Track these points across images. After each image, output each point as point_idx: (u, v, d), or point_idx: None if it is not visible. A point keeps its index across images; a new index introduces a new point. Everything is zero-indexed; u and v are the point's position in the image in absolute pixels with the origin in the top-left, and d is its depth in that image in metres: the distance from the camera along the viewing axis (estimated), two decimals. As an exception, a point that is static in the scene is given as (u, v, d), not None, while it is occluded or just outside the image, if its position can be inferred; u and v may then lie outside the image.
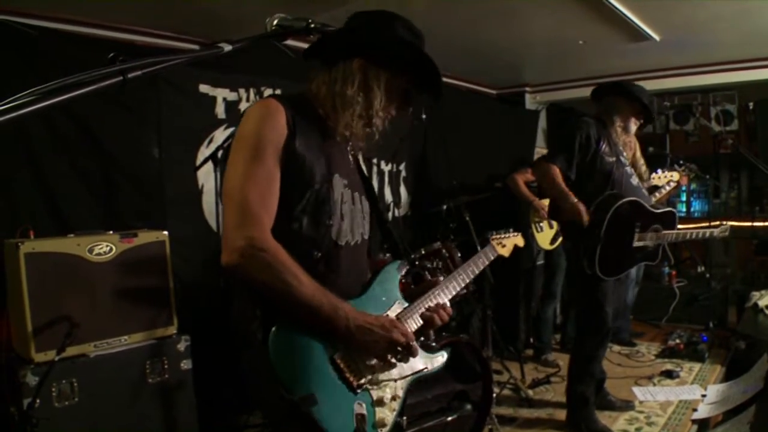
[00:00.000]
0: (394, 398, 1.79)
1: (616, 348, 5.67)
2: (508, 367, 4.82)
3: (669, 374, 4.93)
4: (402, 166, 5.70)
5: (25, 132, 3.31)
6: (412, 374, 1.86)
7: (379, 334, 1.66)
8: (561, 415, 4.08)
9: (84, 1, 3.56)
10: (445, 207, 4.84)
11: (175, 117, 3.89)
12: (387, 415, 1.75)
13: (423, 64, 1.83)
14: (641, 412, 4.24)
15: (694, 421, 3.97)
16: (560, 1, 4.15)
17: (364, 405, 1.68)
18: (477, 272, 2.34)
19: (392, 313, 1.86)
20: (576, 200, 3.62)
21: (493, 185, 5.79)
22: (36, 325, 2.78)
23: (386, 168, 5.51)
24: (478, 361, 3.77)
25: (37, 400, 2.67)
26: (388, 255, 3.62)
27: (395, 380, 1.79)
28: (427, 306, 1.95)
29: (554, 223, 5.40)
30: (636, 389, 4.65)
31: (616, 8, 4.25)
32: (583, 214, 3.58)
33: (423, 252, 3.98)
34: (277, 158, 1.64)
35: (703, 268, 6.74)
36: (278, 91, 4.34)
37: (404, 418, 1.83)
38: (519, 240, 2.59)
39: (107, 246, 3.07)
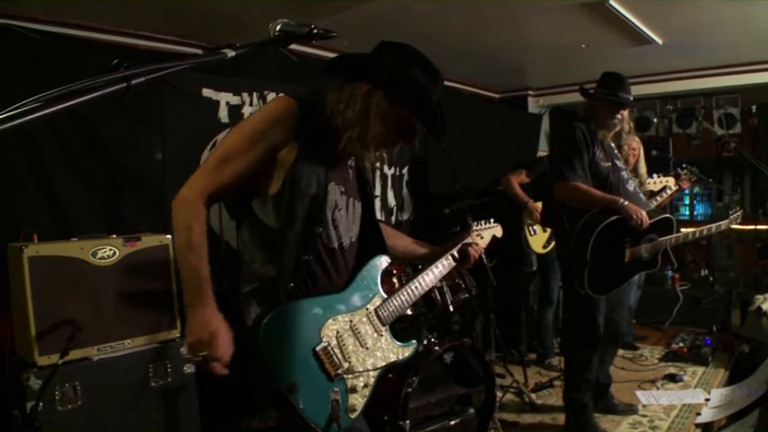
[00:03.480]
0: (365, 386, 1.95)
1: (620, 352, 5.61)
2: (511, 371, 4.81)
3: (672, 378, 4.92)
4: (405, 170, 5.71)
5: (28, 136, 3.32)
6: (384, 365, 2.02)
7: (197, 329, 1.70)
8: (564, 419, 4.07)
9: (88, 6, 3.58)
10: (447, 210, 4.84)
11: (178, 121, 3.90)
12: (358, 401, 1.91)
13: (426, 106, 1.88)
14: (644, 416, 4.23)
15: (697, 425, 3.96)
16: (563, 5, 4.15)
17: (339, 392, 1.83)
18: (451, 263, 2.39)
19: (372, 307, 2.01)
20: (618, 198, 3.54)
21: (495, 189, 5.78)
22: (39, 328, 2.79)
23: (389, 172, 5.52)
24: (481, 364, 3.76)
25: (41, 404, 2.68)
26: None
27: (368, 370, 1.94)
28: (402, 299, 2.11)
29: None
30: (639, 393, 4.64)
31: (619, 12, 4.26)
32: (632, 209, 3.50)
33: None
34: (264, 151, 1.78)
35: (706, 272, 6.72)
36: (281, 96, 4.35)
37: (407, 422, 1.92)
38: (497, 230, 2.60)
39: (111, 250, 3.07)
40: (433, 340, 3.64)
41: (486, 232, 2.56)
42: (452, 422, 3.60)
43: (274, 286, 1.80)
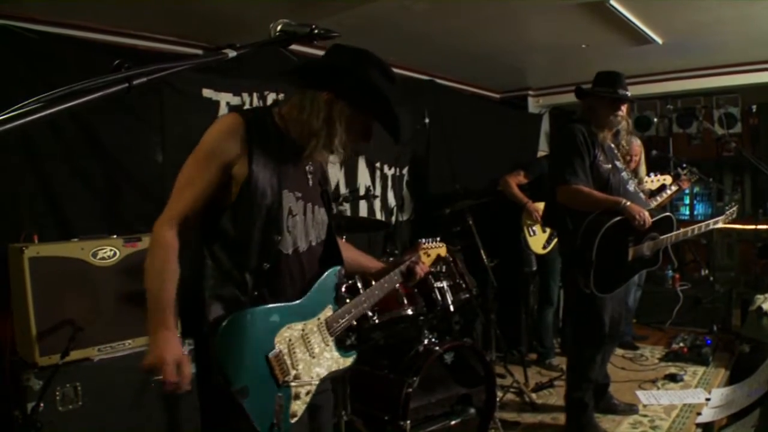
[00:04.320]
0: (308, 393, 1.99)
1: (620, 351, 5.64)
2: (512, 371, 4.80)
3: (673, 378, 4.92)
4: (405, 170, 5.70)
5: (29, 136, 3.32)
6: (327, 374, 2.07)
7: (153, 352, 1.76)
8: (564, 419, 4.07)
9: (87, 7, 3.58)
10: (448, 211, 4.83)
11: (178, 121, 3.89)
12: (300, 407, 1.96)
13: (389, 112, 1.97)
14: (645, 415, 4.23)
15: (698, 425, 3.96)
16: (563, 5, 4.15)
17: (283, 398, 1.89)
18: (398, 280, 2.42)
19: (323, 317, 2.07)
20: (620, 199, 3.56)
21: (495, 189, 5.78)
22: (40, 329, 2.79)
23: (389, 172, 5.51)
24: (481, 364, 3.76)
25: (41, 404, 2.68)
26: (390, 258, 3.63)
27: (312, 378, 1.99)
28: (351, 311, 2.17)
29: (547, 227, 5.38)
30: (640, 393, 4.64)
31: (619, 12, 4.25)
32: (635, 210, 3.52)
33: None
34: (220, 171, 1.85)
35: (706, 272, 6.73)
36: (282, 96, 4.35)
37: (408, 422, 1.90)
38: (442, 250, 2.64)
39: (111, 250, 3.07)
40: (433, 340, 3.65)
41: (432, 251, 2.60)
42: (453, 422, 3.60)
43: (236, 293, 1.87)
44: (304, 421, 2.01)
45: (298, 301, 1.98)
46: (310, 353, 2.00)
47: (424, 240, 2.59)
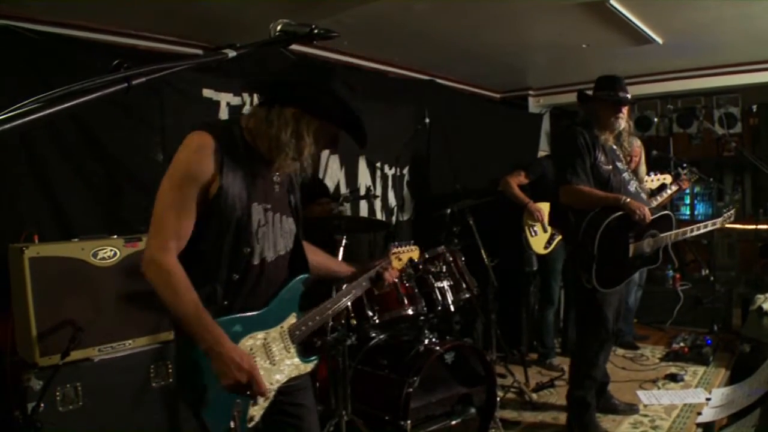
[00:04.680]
0: (266, 399, 2.03)
1: (620, 351, 5.66)
2: (512, 371, 4.81)
3: (673, 377, 4.92)
4: (405, 170, 5.70)
5: (29, 136, 3.32)
6: (286, 381, 2.11)
7: (230, 372, 1.84)
8: (565, 418, 4.07)
9: (87, 7, 3.58)
10: (448, 211, 4.83)
11: (178, 121, 3.89)
12: (258, 412, 2.01)
13: (354, 121, 2.03)
14: (645, 415, 4.23)
15: (698, 425, 3.94)
16: (564, 5, 4.15)
17: (242, 404, 1.94)
18: (367, 285, 2.46)
19: (286, 325, 2.11)
20: (620, 196, 3.63)
21: (496, 189, 5.78)
22: (40, 329, 2.80)
23: (390, 172, 5.52)
24: (482, 364, 3.77)
25: (42, 404, 2.68)
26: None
27: (272, 384, 2.03)
28: (316, 318, 2.20)
29: (548, 227, 5.38)
30: (640, 393, 4.64)
31: (620, 12, 4.25)
32: (634, 205, 3.58)
33: (427, 256, 3.98)
34: (198, 191, 1.88)
35: (707, 271, 6.71)
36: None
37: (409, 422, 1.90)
38: (414, 254, 2.64)
39: (111, 250, 3.08)
40: (434, 339, 3.65)
41: (404, 255, 2.62)
42: (453, 422, 3.60)
43: (208, 303, 1.89)
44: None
45: (261, 311, 2.03)
46: (270, 361, 2.05)
47: (396, 243, 2.63)
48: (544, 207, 5.34)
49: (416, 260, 2.75)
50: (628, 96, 3.77)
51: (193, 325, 1.82)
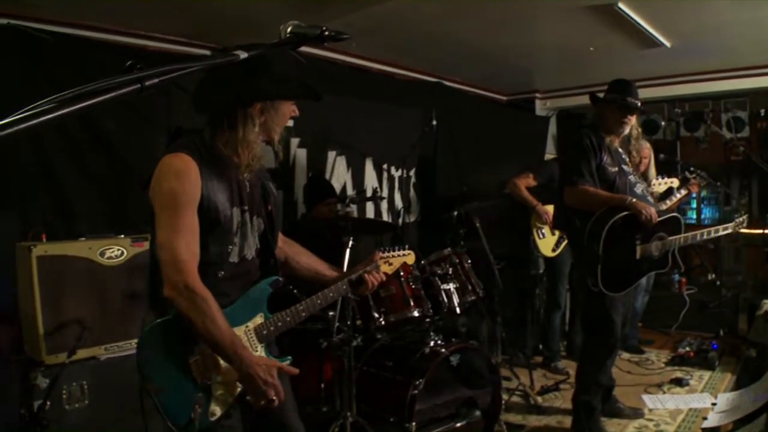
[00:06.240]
0: (230, 395, 2.07)
1: (626, 355, 5.64)
2: (517, 374, 4.80)
3: (679, 382, 4.91)
4: (412, 172, 5.71)
5: (37, 136, 3.33)
6: None
7: (258, 386, 1.96)
8: (570, 422, 4.06)
9: (96, 7, 3.59)
10: (455, 213, 4.83)
11: (186, 121, 3.89)
12: (219, 407, 2.04)
13: (309, 89, 2.13)
14: (651, 420, 4.22)
15: (704, 430, 3.94)
16: (572, 8, 4.14)
17: (203, 397, 1.99)
18: (347, 290, 2.44)
19: (252, 325, 2.14)
20: (626, 196, 3.61)
21: (502, 191, 5.77)
22: (47, 327, 2.81)
23: (396, 174, 5.52)
24: (487, 367, 3.76)
25: (48, 402, 2.69)
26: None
27: (235, 381, 2.05)
28: (287, 319, 2.21)
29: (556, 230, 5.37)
30: (645, 397, 4.62)
31: (628, 15, 4.24)
32: (640, 205, 3.56)
33: (433, 258, 3.98)
34: (195, 209, 1.96)
35: (713, 276, 6.69)
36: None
37: (413, 424, 1.89)
38: (408, 258, 2.62)
39: (118, 250, 3.09)
40: (439, 342, 3.65)
41: (395, 260, 2.60)
42: (458, 424, 3.60)
43: None
44: (236, 423, 2.12)
45: (227, 308, 2.04)
46: None
47: (383, 248, 2.61)
48: (552, 210, 5.33)
49: (411, 265, 2.72)
50: (638, 103, 3.76)
51: (227, 350, 1.91)
